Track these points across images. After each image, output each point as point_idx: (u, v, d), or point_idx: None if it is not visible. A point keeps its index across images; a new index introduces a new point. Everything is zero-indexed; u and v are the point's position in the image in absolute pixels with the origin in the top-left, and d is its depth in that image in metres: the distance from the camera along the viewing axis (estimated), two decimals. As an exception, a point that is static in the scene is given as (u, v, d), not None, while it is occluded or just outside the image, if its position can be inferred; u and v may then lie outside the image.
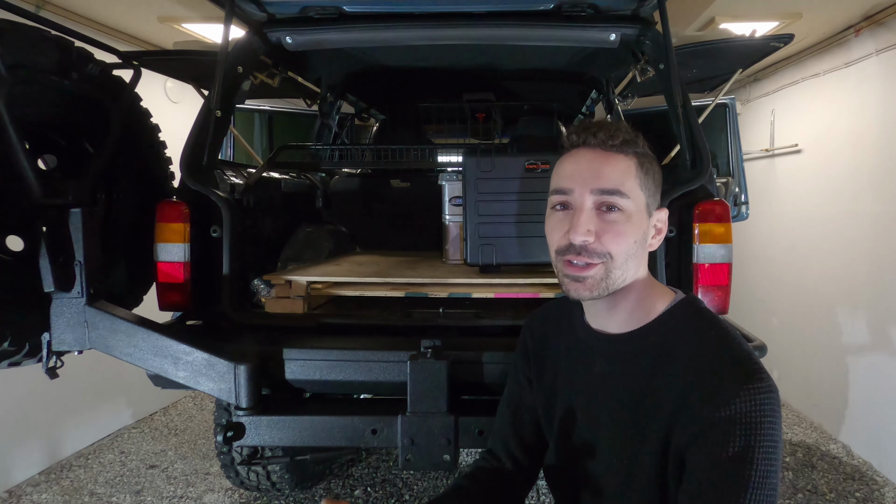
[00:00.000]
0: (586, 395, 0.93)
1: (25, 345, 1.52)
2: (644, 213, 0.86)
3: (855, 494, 2.70)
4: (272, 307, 1.83)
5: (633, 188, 0.84)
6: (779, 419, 0.75)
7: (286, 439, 1.50)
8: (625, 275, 0.85)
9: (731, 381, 0.76)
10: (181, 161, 1.75)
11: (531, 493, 2.64)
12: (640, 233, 0.86)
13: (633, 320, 0.89)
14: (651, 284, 0.91)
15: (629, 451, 0.85)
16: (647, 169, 0.87)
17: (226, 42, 1.78)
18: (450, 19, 1.85)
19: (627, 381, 0.87)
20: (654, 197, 0.88)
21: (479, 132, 3.44)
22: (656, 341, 0.86)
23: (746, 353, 0.80)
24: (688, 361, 0.81)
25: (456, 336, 1.64)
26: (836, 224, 3.31)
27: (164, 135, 1.96)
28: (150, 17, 2.97)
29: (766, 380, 0.76)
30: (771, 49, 1.99)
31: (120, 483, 2.74)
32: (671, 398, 0.80)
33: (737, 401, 0.74)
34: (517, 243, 1.98)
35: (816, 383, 3.54)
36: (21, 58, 1.45)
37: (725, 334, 0.83)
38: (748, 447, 0.72)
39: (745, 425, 0.73)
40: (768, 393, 0.75)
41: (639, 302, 0.89)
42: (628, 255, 0.84)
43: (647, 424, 0.82)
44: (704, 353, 0.81)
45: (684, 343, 0.84)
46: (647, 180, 0.87)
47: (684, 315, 0.88)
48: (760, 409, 0.74)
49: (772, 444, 0.73)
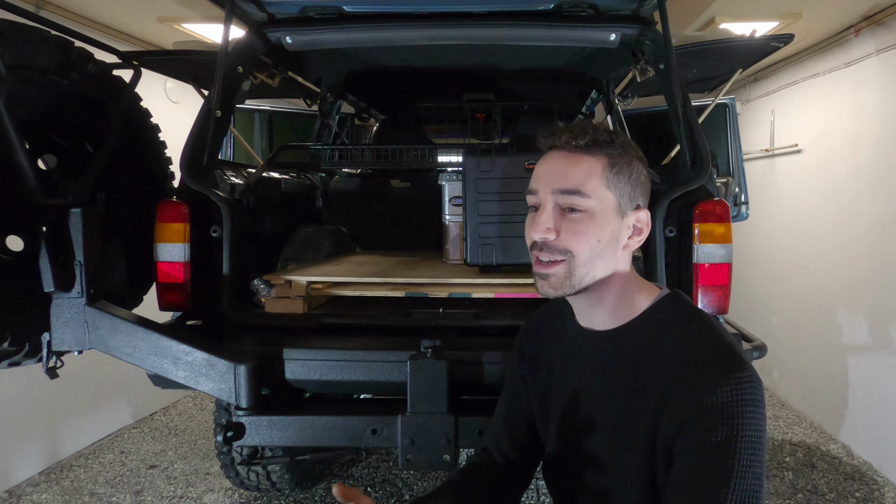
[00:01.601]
0: (578, 393, 0.95)
1: (25, 345, 1.52)
2: (612, 212, 0.87)
3: (855, 494, 2.70)
4: (272, 307, 1.83)
5: (596, 188, 0.85)
6: (761, 408, 0.76)
7: (286, 439, 1.50)
8: (592, 273, 0.87)
9: (714, 372, 0.77)
10: (181, 161, 1.75)
11: (531, 494, 2.64)
12: (607, 232, 0.86)
13: (616, 317, 0.91)
14: (633, 281, 0.92)
15: (620, 447, 0.86)
16: (620, 169, 0.87)
17: (226, 42, 1.78)
18: (450, 19, 1.85)
19: (615, 378, 0.89)
20: (628, 197, 0.88)
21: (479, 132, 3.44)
22: (641, 337, 0.88)
23: (728, 345, 0.82)
24: (671, 355, 0.83)
25: (456, 336, 1.64)
26: (836, 224, 3.31)
27: (164, 135, 1.96)
28: (150, 17, 2.97)
29: (748, 370, 0.78)
30: (771, 49, 1.99)
31: (120, 483, 2.74)
32: (657, 392, 0.81)
33: (719, 391, 0.75)
34: (517, 243, 1.97)
35: (816, 383, 3.54)
36: (21, 58, 1.45)
37: (708, 327, 0.85)
38: (731, 436, 0.73)
39: (727, 415, 0.74)
40: (750, 383, 0.76)
41: (621, 299, 0.91)
42: (592, 253, 0.86)
43: (636, 420, 0.83)
44: (687, 347, 0.83)
45: (668, 337, 0.85)
46: (619, 180, 0.87)
47: (668, 310, 0.89)
48: (742, 398, 0.75)
49: (755, 433, 0.74)
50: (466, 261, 2.02)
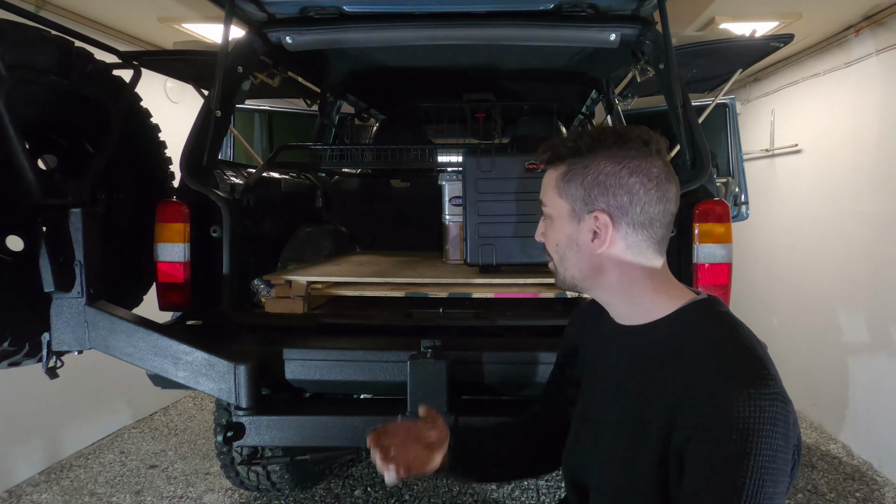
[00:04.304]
0: (602, 384, 0.96)
1: (25, 345, 1.52)
2: (566, 218, 0.90)
3: (855, 494, 2.70)
4: (272, 307, 1.83)
5: (552, 198, 0.92)
6: (782, 429, 0.72)
7: (286, 439, 1.51)
8: (571, 272, 0.93)
9: (735, 383, 0.74)
10: (181, 161, 1.75)
11: (531, 494, 2.64)
12: (563, 237, 0.92)
13: (636, 315, 0.91)
14: (646, 281, 0.90)
15: (633, 444, 0.85)
16: (572, 176, 0.88)
17: (226, 42, 1.78)
18: (450, 19, 1.85)
19: (635, 373, 0.88)
20: (582, 202, 0.88)
21: (479, 132, 3.44)
22: (667, 336, 0.86)
23: (757, 358, 0.77)
24: (695, 358, 0.80)
25: (456, 336, 1.64)
26: (836, 224, 3.31)
27: (164, 135, 1.96)
28: (150, 17, 2.97)
29: (774, 387, 0.73)
30: (771, 49, 1.99)
31: (120, 483, 2.74)
32: (674, 394, 0.79)
33: (737, 404, 0.71)
34: (517, 243, 1.98)
35: (816, 383, 3.54)
36: (21, 58, 1.45)
37: (739, 337, 0.81)
38: (743, 454, 0.70)
39: (742, 430, 0.70)
40: (772, 400, 0.72)
41: (629, 299, 0.91)
42: (559, 255, 0.94)
43: (651, 419, 0.82)
44: (713, 352, 0.80)
45: (694, 341, 0.83)
46: (570, 187, 0.89)
47: (699, 314, 0.87)
48: (761, 415, 0.71)
49: (770, 454, 0.70)
50: (466, 261, 2.02)
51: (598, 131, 0.90)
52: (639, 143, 0.87)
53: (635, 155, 0.87)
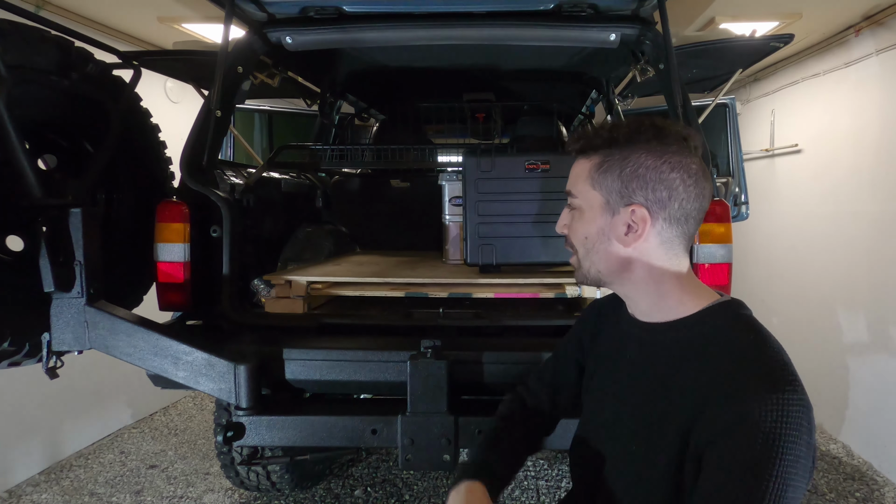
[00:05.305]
0: (617, 379, 0.95)
1: (25, 345, 1.52)
2: (598, 210, 0.89)
3: (855, 494, 2.70)
4: (272, 307, 1.83)
5: (583, 189, 0.90)
6: (806, 436, 0.71)
7: (286, 439, 1.50)
8: (595, 266, 0.91)
9: (761, 387, 0.73)
10: (181, 161, 1.75)
11: (531, 494, 2.64)
12: (593, 229, 0.90)
13: (658, 312, 0.90)
14: (673, 279, 0.89)
15: (648, 441, 0.84)
16: (609, 167, 0.87)
17: (226, 42, 1.78)
18: (450, 19, 1.85)
19: (654, 370, 0.88)
20: (618, 194, 0.87)
21: (479, 132, 3.44)
22: (688, 336, 0.86)
23: (782, 362, 0.77)
24: (717, 361, 0.79)
25: (456, 336, 1.64)
26: (836, 224, 3.31)
27: (164, 135, 1.96)
28: (150, 17, 2.97)
29: (799, 393, 0.73)
30: (771, 49, 1.99)
31: (120, 483, 2.74)
32: (696, 393, 0.79)
33: (764, 408, 0.71)
34: (517, 243, 1.98)
35: (816, 383, 3.54)
36: (21, 58, 1.45)
37: (764, 341, 0.80)
38: (767, 459, 0.69)
39: (767, 435, 0.70)
40: (799, 406, 0.72)
41: (653, 295, 0.89)
42: (585, 248, 0.91)
43: (668, 416, 0.82)
44: (736, 355, 0.79)
45: (716, 342, 0.82)
46: (605, 178, 0.87)
47: (723, 316, 0.86)
48: (787, 420, 0.70)
49: (793, 460, 0.70)
50: (466, 261, 2.02)
51: (635, 123, 0.88)
52: (678, 139, 0.86)
53: (676, 150, 0.86)
